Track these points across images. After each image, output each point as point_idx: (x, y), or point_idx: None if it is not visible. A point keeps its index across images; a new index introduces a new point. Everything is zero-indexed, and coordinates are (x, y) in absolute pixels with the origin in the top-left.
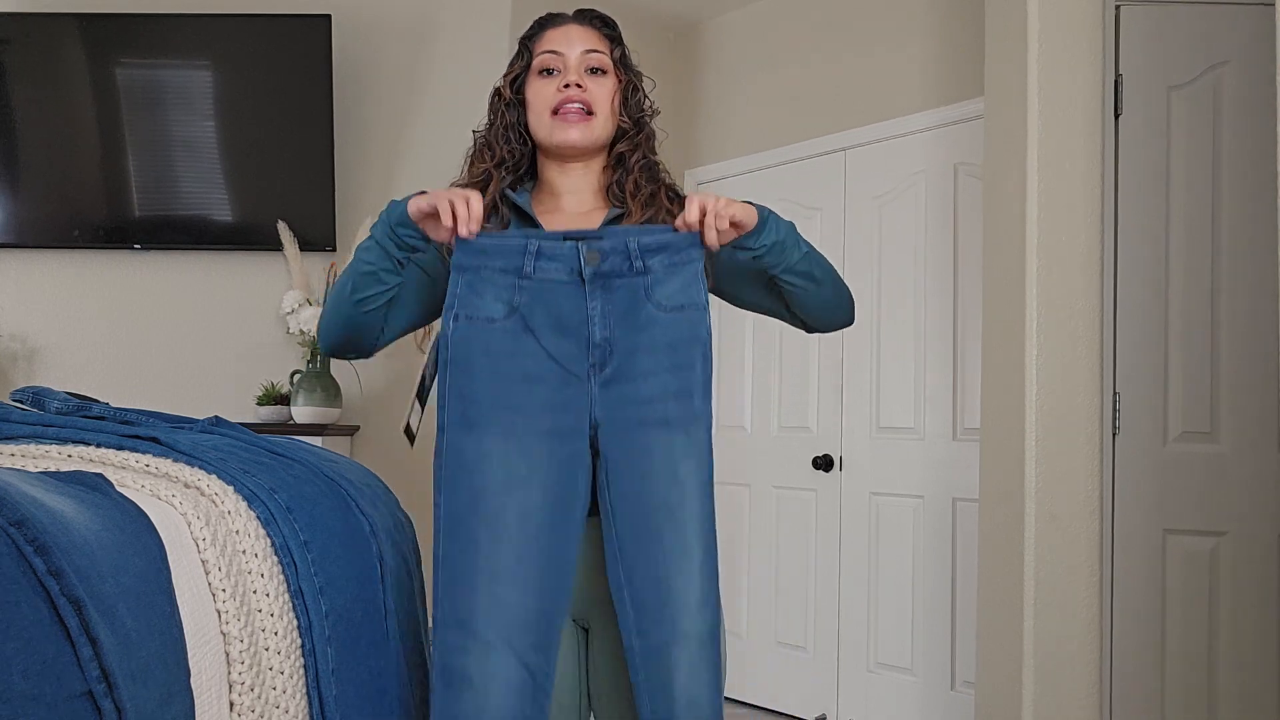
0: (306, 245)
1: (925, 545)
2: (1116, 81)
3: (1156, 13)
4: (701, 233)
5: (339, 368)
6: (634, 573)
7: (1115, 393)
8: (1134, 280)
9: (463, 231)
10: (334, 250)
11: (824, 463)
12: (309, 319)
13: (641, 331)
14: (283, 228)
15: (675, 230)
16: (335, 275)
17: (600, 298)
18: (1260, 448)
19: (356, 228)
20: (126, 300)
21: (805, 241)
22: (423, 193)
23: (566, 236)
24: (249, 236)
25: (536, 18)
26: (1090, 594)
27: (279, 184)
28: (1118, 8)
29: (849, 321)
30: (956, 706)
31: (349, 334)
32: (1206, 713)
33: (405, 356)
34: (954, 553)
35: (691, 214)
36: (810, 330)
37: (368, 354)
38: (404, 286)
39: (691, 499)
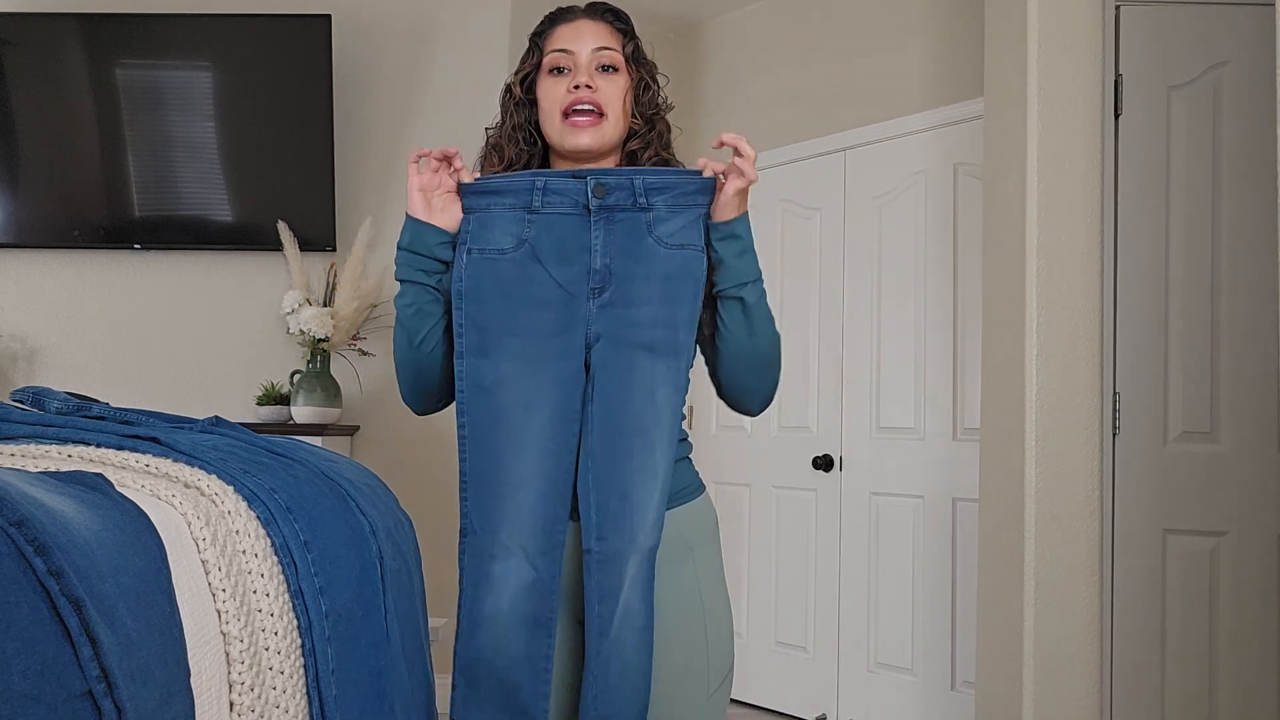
0: (306, 245)
1: (925, 545)
2: (1116, 81)
3: (1156, 13)
4: (726, 175)
5: (339, 367)
6: (602, 482)
7: (1115, 393)
8: (1134, 280)
9: (452, 155)
10: (334, 250)
11: (824, 463)
12: (309, 319)
13: (640, 262)
14: (283, 228)
15: (694, 173)
16: (335, 275)
17: (603, 229)
18: (1260, 448)
19: (357, 228)
20: (126, 300)
21: (764, 298)
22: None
23: (575, 174)
24: (249, 236)
25: (547, 13)
26: (1090, 594)
27: (279, 184)
28: (1118, 8)
29: (756, 406)
30: (956, 706)
31: (423, 384)
32: (1206, 713)
33: None
34: (954, 553)
35: (745, 148)
36: (720, 394)
37: (453, 395)
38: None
39: (664, 423)
